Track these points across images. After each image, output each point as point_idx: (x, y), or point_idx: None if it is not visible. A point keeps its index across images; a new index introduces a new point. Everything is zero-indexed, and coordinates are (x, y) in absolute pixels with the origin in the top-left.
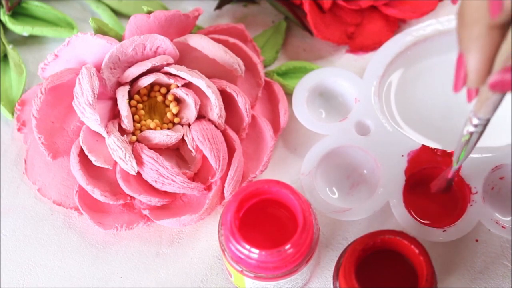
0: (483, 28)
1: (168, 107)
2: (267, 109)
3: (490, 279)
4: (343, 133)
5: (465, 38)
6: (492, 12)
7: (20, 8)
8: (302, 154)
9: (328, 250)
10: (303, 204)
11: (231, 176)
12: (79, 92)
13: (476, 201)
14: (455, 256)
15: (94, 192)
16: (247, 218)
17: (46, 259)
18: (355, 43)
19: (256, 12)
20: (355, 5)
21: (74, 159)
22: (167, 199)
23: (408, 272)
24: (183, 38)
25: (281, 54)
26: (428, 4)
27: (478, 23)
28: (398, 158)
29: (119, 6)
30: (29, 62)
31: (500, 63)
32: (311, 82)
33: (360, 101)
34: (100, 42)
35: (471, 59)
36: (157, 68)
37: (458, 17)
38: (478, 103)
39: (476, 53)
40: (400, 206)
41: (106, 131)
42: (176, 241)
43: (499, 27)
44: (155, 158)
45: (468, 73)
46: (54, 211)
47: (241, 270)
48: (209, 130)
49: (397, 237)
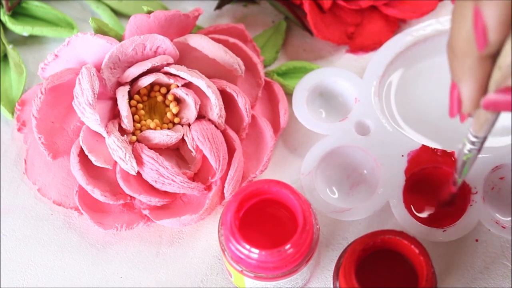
0: (474, 59)
1: (168, 107)
2: (267, 109)
3: (490, 279)
4: (343, 133)
5: (457, 70)
6: (478, 46)
7: (20, 8)
8: (302, 154)
9: (328, 250)
10: (303, 204)
11: (231, 176)
12: (79, 92)
13: (476, 201)
14: (455, 256)
15: (94, 192)
16: (247, 218)
17: (46, 259)
18: (355, 43)
19: (256, 12)
20: (355, 5)
21: (74, 159)
22: (167, 199)
23: (408, 272)
24: (183, 38)
25: (281, 54)
26: (428, 4)
27: (468, 55)
28: (398, 158)
29: (119, 6)
30: (29, 62)
31: (493, 86)
32: (311, 82)
33: (360, 101)
34: (100, 42)
35: (464, 89)
36: (157, 68)
37: (449, 48)
38: (476, 124)
39: (469, 83)
40: (400, 206)
41: (106, 131)
42: (176, 241)
43: (489, 57)
44: (155, 158)
45: (462, 101)
46: (54, 211)
47: (241, 270)
48: (209, 130)
49: (397, 237)
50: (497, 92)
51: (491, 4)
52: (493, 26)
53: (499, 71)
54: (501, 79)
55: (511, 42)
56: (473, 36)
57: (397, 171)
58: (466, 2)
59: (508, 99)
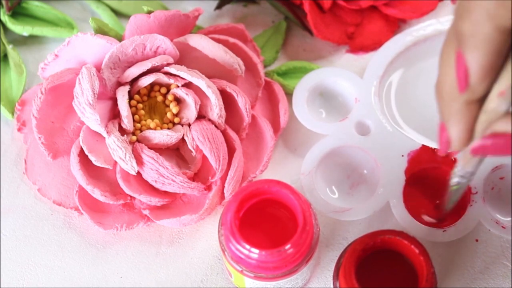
0: (460, 104)
1: (168, 107)
2: (267, 109)
3: (490, 279)
4: (343, 133)
5: (445, 112)
6: (459, 88)
7: (20, 8)
8: (302, 154)
9: (328, 250)
10: (303, 204)
11: (231, 176)
12: (79, 92)
13: (476, 201)
14: (455, 256)
15: (94, 192)
16: (247, 218)
17: (46, 259)
18: (355, 43)
19: (256, 12)
20: (355, 5)
21: (74, 159)
22: (167, 199)
23: (408, 272)
24: (183, 38)
25: (281, 54)
26: (428, 4)
27: (455, 100)
28: (398, 158)
29: (119, 6)
30: (29, 62)
31: (480, 132)
32: (311, 82)
33: (360, 101)
34: (100, 42)
35: (453, 130)
36: (157, 68)
37: (436, 91)
38: (464, 160)
39: (457, 125)
40: (400, 206)
41: (106, 131)
42: (176, 241)
43: (476, 102)
44: (155, 158)
45: (451, 141)
46: (54, 211)
47: (241, 270)
48: (209, 130)
49: (397, 237)
50: (484, 138)
51: (474, 49)
52: (475, 70)
53: (484, 115)
54: (486, 123)
55: (496, 88)
56: None
57: (397, 171)
58: (452, 49)
59: (495, 143)
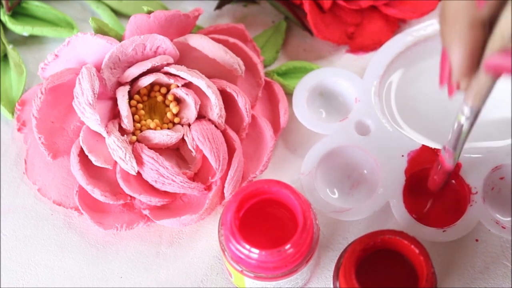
0: (464, 25)
1: (168, 107)
2: (267, 109)
3: (490, 279)
4: (343, 133)
5: (447, 35)
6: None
7: (20, 8)
8: (302, 154)
9: (328, 250)
10: (303, 204)
11: (231, 176)
12: (79, 92)
13: (476, 201)
14: (455, 256)
15: (94, 192)
16: (247, 218)
17: (46, 259)
18: (355, 43)
19: (256, 12)
20: (355, 5)
21: (74, 159)
22: (167, 199)
23: (408, 272)
24: (183, 38)
25: (281, 54)
26: (428, 4)
27: (459, 20)
28: (398, 158)
29: (119, 6)
30: (29, 62)
31: (494, 46)
32: (311, 82)
33: (360, 101)
34: (100, 42)
35: (454, 54)
36: (157, 68)
37: (440, 17)
38: (470, 95)
39: (459, 48)
40: (400, 206)
41: (106, 131)
42: (176, 241)
43: (479, 24)
44: (155, 158)
45: (452, 68)
46: (54, 211)
47: (241, 270)
48: (209, 130)
49: (397, 237)
50: (499, 53)
51: None
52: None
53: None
54: (500, 41)
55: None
56: (465, 2)
57: (397, 171)
58: None
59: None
